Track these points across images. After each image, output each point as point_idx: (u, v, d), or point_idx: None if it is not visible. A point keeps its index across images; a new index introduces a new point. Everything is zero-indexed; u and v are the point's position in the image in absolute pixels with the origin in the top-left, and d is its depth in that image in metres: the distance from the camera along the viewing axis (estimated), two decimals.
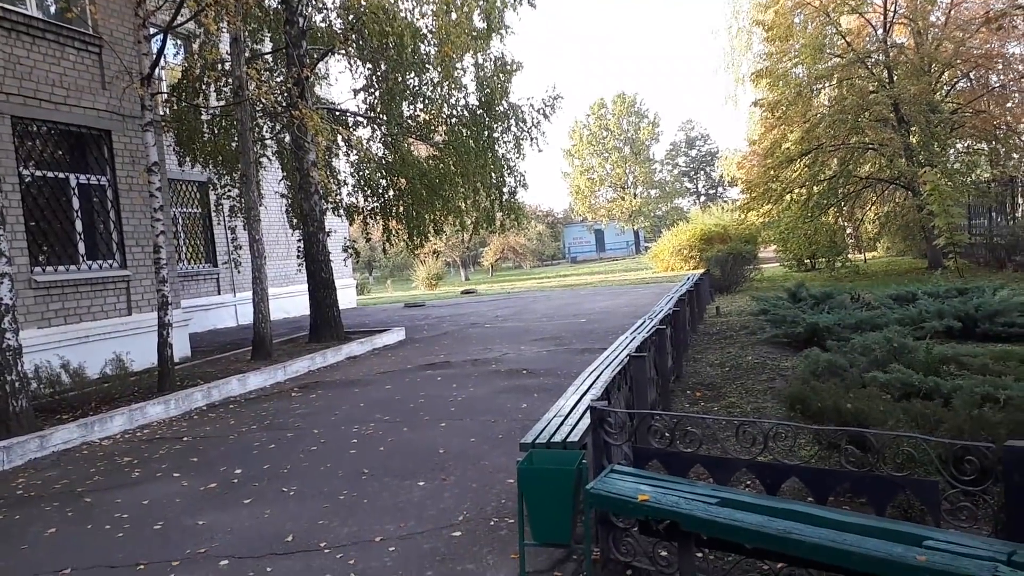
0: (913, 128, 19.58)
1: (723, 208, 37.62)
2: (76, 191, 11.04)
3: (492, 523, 4.47)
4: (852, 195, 22.09)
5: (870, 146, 20.30)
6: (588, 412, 4.05)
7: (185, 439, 7.44)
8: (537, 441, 4.12)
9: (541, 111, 15.52)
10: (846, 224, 23.49)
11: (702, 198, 72.96)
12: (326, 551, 4.27)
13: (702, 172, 75.55)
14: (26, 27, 10.21)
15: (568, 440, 4.07)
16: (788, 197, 21.49)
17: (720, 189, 70.82)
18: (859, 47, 20.91)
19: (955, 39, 19.68)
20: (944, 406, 4.78)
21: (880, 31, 20.95)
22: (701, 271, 19.52)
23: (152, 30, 10.33)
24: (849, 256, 23.46)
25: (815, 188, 21.06)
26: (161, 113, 12.88)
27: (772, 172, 21.23)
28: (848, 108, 19.26)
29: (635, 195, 63.11)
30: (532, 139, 15.76)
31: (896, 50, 20.75)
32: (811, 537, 2.79)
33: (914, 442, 3.52)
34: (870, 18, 21.43)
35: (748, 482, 4.49)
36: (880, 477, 3.19)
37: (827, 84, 21.50)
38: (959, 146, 22.37)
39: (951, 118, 19.88)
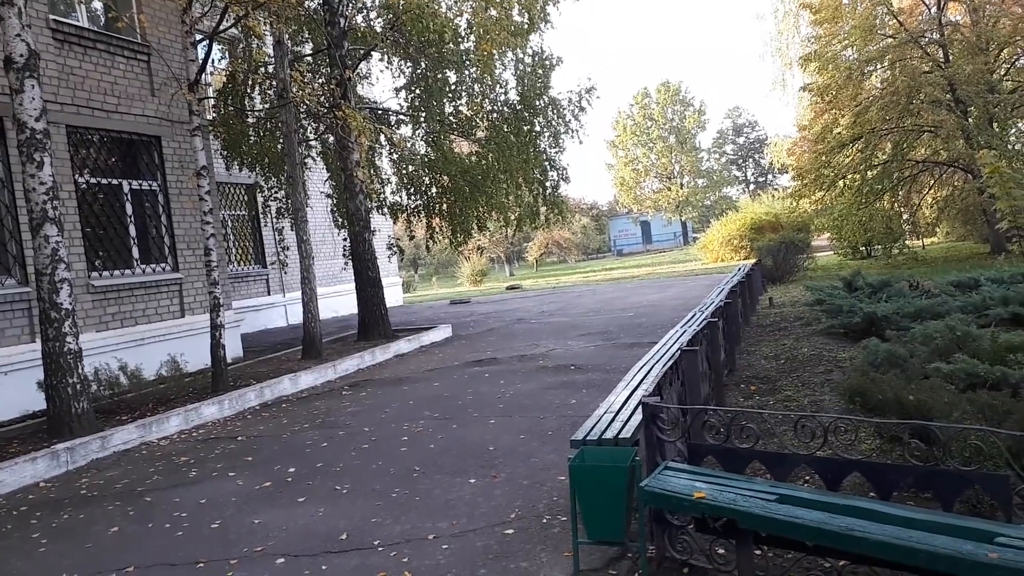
0: (971, 109, 18.92)
1: (774, 196, 36.90)
2: (129, 197, 11.30)
3: (544, 520, 4.43)
4: (908, 179, 21.45)
5: (925, 128, 19.68)
6: (640, 408, 3.97)
7: (240, 438, 7.56)
8: (588, 438, 4.07)
9: (577, 104, 15.40)
10: (902, 210, 22.82)
11: (751, 186, 71.70)
12: (380, 549, 4.28)
13: (751, 160, 74.27)
14: (78, 38, 10.48)
15: (620, 437, 4.00)
16: (841, 183, 20.96)
17: (770, 177, 69.51)
18: (912, 26, 20.25)
19: (1014, 15, 18.91)
20: (1012, 396, 4.59)
21: (933, 9, 20.27)
22: (752, 261, 19.18)
23: (198, 36, 10.51)
24: (907, 242, 22.83)
25: (869, 173, 20.51)
26: (208, 118, 13.11)
27: (824, 158, 20.74)
28: (900, 90, 18.69)
29: (682, 185, 62.19)
30: (572, 132, 15.66)
31: (951, 28, 20.07)
32: (875, 534, 2.71)
33: (982, 435, 3.39)
34: None
35: (807, 478, 4.38)
36: (947, 471, 3.07)
37: (878, 66, 20.89)
38: (1021, 125, 21.53)
39: (1011, 97, 19.11)
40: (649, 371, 5.80)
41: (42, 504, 5.91)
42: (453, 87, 15.36)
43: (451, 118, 15.56)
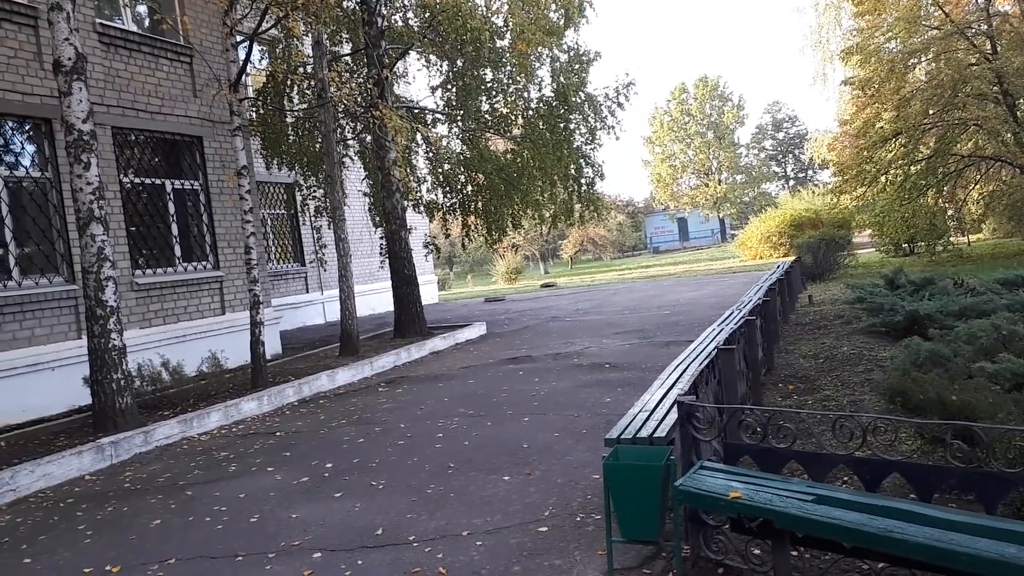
0: (1019, 102, 18.38)
1: (814, 192, 36.25)
2: (171, 196, 11.53)
3: (578, 519, 4.42)
4: (953, 174, 20.91)
5: (971, 122, 19.19)
6: (675, 407, 3.95)
7: (278, 434, 7.68)
8: (622, 436, 4.05)
9: (615, 99, 15.31)
10: (947, 205, 22.28)
11: (791, 182, 70.69)
12: (415, 544, 4.32)
13: (790, 155, 73.18)
14: (123, 41, 10.71)
15: (655, 435, 3.98)
16: (883, 179, 20.51)
17: (810, 172, 68.42)
18: (958, 17, 19.73)
19: None
20: None
21: (981, 0, 19.74)
22: (792, 259, 18.92)
23: (238, 38, 10.67)
24: (951, 239, 22.31)
25: (912, 168, 20.05)
26: (248, 118, 13.31)
27: (865, 153, 20.30)
28: (945, 83, 18.23)
29: (720, 181, 61.51)
30: (608, 128, 15.58)
31: (999, 19, 19.51)
32: (915, 536, 2.66)
33: None
34: None
35: (846, 479, 4.31)
36: (990, 473, 3.00)
37: (923, 59, 20.40)
38: None
39: None
40: (685, 370, 5.75)
41: (88, 496, 6.07)
42: (489, 85, 15.39)
43: (487, 116, 15.59)
